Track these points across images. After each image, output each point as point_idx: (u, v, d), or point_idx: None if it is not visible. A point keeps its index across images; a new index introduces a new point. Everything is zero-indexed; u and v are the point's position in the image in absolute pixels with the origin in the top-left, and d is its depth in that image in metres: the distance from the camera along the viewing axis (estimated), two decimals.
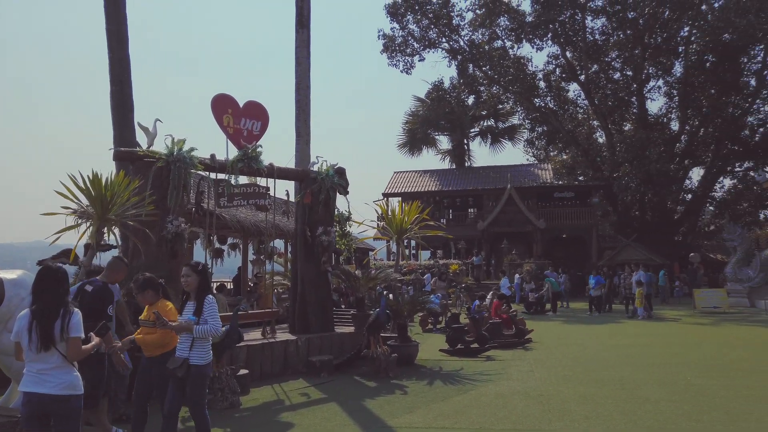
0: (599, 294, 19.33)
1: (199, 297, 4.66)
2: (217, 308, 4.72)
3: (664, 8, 28.28)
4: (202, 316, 4.57)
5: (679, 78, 31.44)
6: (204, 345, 4.62)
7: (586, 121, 37.54)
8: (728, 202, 34.00)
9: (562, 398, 6.93)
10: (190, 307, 4.70)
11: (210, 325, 4.54)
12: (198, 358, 4.57)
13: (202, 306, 4.61)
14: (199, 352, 4.58)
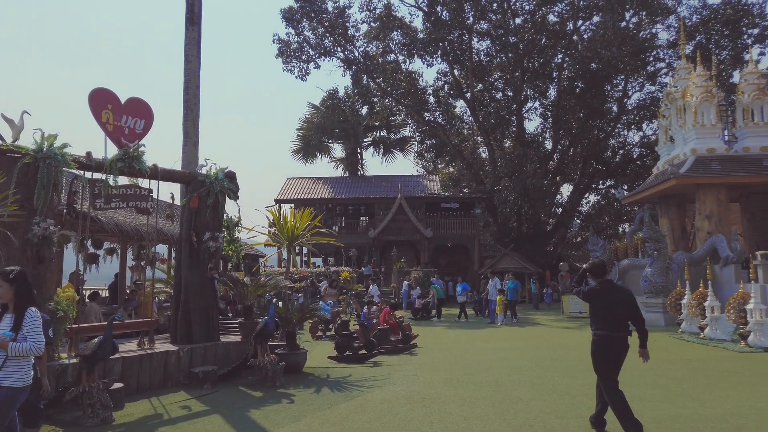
0: (464, 300, 20.36)
1: (18, 309, 4.10)
2: (41, 323, 4.14)
3: (541, 36, 30.67)
4: (21, 332, 4.01)
5: (552, 101, 34.20)
6: (22, 365, 4.07)
7: (471, 136, 39.63)
8: (592, 216, 37.53)
9: (443, 401, 7.24)
10: (7, 321, 4.10)
11: (30, 343, 3.99)
12: (12, 379, 4.01)
13: (21, 320, 4.05)
14: (14, 372, 4.02)
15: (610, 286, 5.70)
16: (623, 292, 5.70)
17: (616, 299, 5.58)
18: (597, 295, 5.67)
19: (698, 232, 19.05)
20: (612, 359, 5.54)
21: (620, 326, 5.57)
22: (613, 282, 5.85)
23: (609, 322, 5.58)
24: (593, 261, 5.99)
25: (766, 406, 6.72)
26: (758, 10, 28.80)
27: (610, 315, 5.58)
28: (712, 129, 19.27)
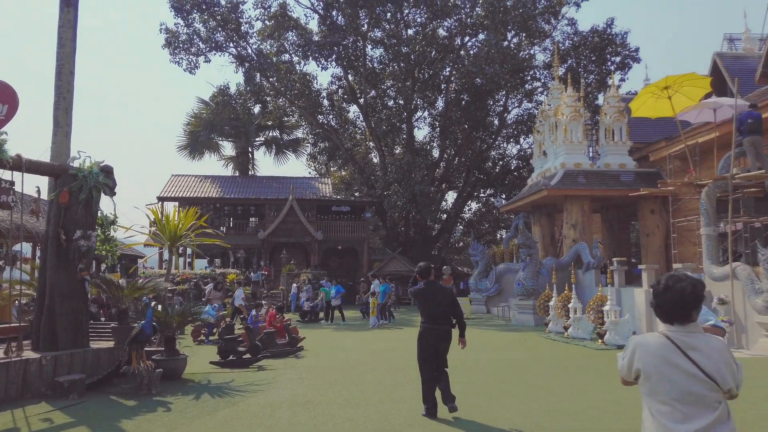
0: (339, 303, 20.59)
1: None
2: None
3: (432, 48, 31.91)
4: None
5: (440, 111, 35.70)
6: None
7: (364, 141, 40.23)
8: (474, 222, 39.64)
9: (328, 403, 7.33)
10: None
11: None
12: None
13: None
14: None
15: (433, 286, 6.71)
16: (445, 291, 6.81)
17: (439, 297, 6.64)
18: (423, 294, 6.69)
19: (565, 239, 20.81)
20: (431, 348, 6.63)
21: (442, 320, 6.63)
22: (436, 282, 6.85)
23: (432, 316, 6.63)
24: (421, 265, 6.97)
25: (620, 398, 7.51)
26: (620, 40, 32.14)
27: (433, 310, 6.61)
28: (579, 146, 21.16)
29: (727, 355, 2.55)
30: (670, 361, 2.54)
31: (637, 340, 2.70)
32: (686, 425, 2.46)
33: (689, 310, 2.59)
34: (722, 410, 2.50)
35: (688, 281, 2.62)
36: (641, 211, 20.39)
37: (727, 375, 2.50)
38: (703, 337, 2.60)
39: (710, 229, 14.30)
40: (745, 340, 12.32)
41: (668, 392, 2.53)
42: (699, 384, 2.49)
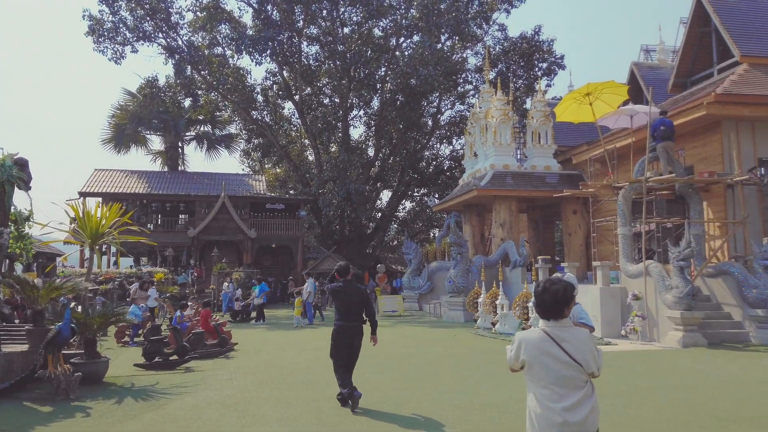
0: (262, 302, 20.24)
1: None
2: None
3: (367, 48, 32.05)
4: None
5: (376, 111, 35.92)
6: None
7: (299, 138, 39.89)
8: (408, 221, 40.19)
9: (258, 403, 7.28)
10: None
11: None
12: None
13: None
14: None
15: (349, 285, 7.08)
16: (359, 290, 7.16)
17: (354, 296, 7.01)
18: (339, 292, 7.02)
19: (494, 238, 21.52)
20: (346, 343, 7.00)
21: (355, 317, 7.01)
22: (352, 282, 7.19)
23: (346, 313, 7.00)
24: (340, 264, 7.41)
25: None
26: (547, 47, 33.52)
27: (347, 308, 6.99)
28: (507, 148, 21.93)
29: (591, 344, 3.12)
30: (547, 351, 3.05)
31: (522, 336, 3.19)
32: (561, 403, 3.00)
33: (562, 308, 3.10)
34: (588, 388, 3.07)
35: (561, 284, 3.14)
36: (564, 212, 21.38)
37: (590, 361, 3.05)
38: (573, 330, 3.16)
39: (626, 229, 15.21)
40: (656, 333, 13.21)
41: (547, 377, 3.04)
42: (570, 369, 3.02)
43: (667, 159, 14.71)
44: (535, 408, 3.08)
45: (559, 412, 2.98)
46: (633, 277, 14.25)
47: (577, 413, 3.00)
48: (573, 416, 2.99)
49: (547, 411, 3.01)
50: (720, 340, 12.47)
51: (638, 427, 6.02)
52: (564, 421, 2.98)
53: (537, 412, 3.06)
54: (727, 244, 14.65)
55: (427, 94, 32.59)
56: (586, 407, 3.02)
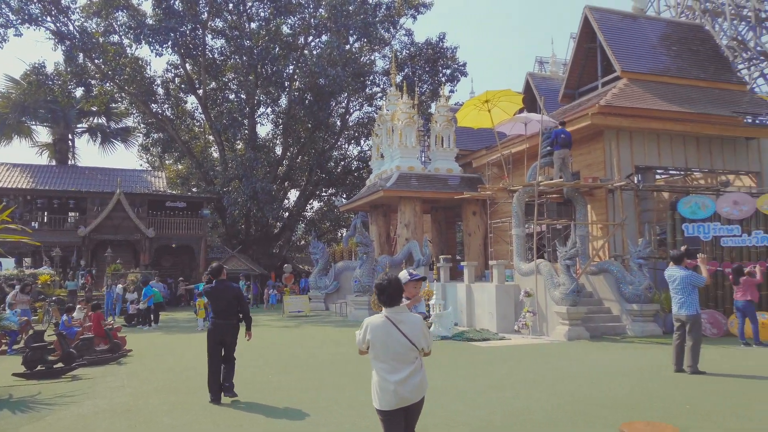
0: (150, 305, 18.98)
1: None
2: None
3: (275, 45, 31.60)
4: None
5: (284, 109, 35.51)
6: None
7: (203, 134, 38.56)
8: (315, 221, 40.07)
9: (151, 410, 7.03)
10: None
11: None
12: None
13: None
14: None
15: (223, 285, 7.49)
16: (233, 289, 7.56)
17: (227, 295, 7.42)
18: (213, 292, 7.47)
19: (399, 238, 22.03)
20: (218, 339, 7.42)
21: (227, 315, 7.44)
22: (226, 281, 7.61)
23: (221, 312, 7.43)
24: (213, 265, 7.77)
25: (438, 386, 8.17)
26: (451, 54, 34.74)
27: (220, 307, 7.42)
28: (412, 150, 22.53)
29: (422, 326, 3.87)
30: (388, 332, 3.78)
31: (368, 321, 3.91)
32: (396, 375, 3.76)
33: (399, 298, 3.88)
34: (418, 363, 3.85)
35: (395, 279, 3.94)
36: (465, 213, 22.31)
37: (421, 339, 3.82)
38: (408, 314, 3.92)
39: (520, 229, 16.16)
40: (546, 328, 14.15)
41: (386, 354, 3.78)
42: (404, 347, 3.77)
43: (561, 165, 15.81)
44: (376, 379, 3.83)
45: (395, 382, 3.73)
46: (525, 275, 15.16)
47: (409, 382, 3.77)
48: (405, 385, 3.75)
49: (384, 381, 3.77)
50: (601, 333, 13.60)
51: (526, 416, 6.47)
52: (397, 390, 3.73)
53: (377, 382, 3.82)
54: (608, 244, 15.99)
55: (336, 94, 32.67)
56: (416, 378, 3.81)
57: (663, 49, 19.42)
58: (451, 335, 13.82)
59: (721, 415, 6.33)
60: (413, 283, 4.93)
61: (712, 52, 20.08)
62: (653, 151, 16.81)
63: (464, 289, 16.53)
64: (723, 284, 13.59)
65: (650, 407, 6.71)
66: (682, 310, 8.82)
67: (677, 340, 8.94)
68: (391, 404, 3.76)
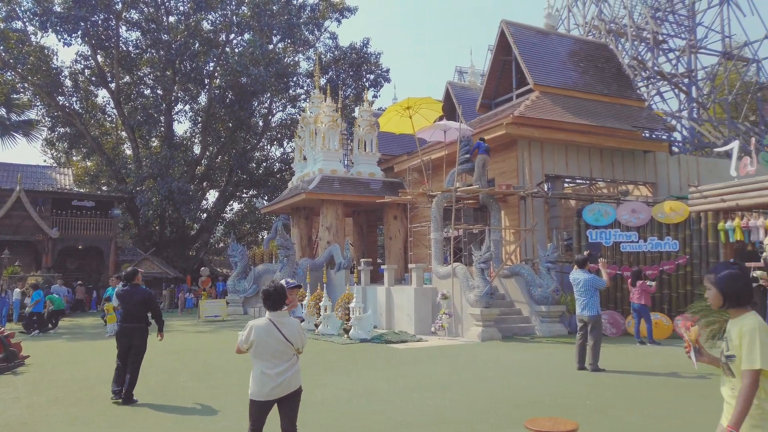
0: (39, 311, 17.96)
1: None
2: None
3: (195, 40, 30.62)
4: None
5: (203, 107, 34.44)
6: None
7: (115, 130, 36.66)
8: (235, 223, 39.09)
9: (49, 423, 6.63)
10: None
11: None
12: None
13: None
14: None
15: (133, 288, 7.70)
16: (143, 292, 7.77)
17: (137, 298, 7.63)
18: (124, 295, 7.70)
19: (320, 241, 21.97)
20: (126, 342, 7.63)
21: (136, 319, 7.65)
22: (138, 285, 7.79)
23: (130, 315, 7.65)
24: (127, 270, 7.99)
25: (356, 388, 8.31)
26: (374, 60, 35.09)
27: (129, 310, 7.64)
28: (335, 153, 22.56)
29: (299, 328, 4.50)
30: (270, 333, 4.36)
31: (252, 323, 4.43)
32: (274, 370, 4.34)
33: (282, 302, 4.50)
34: (294, 359, 4.47)
35: (279, 286, 4.50)
36: (386, 217, 22.61)
37: (298, 340, 4.44)
38: (288, 318, 4.55)
39: (438, 234, 16.61)
40: (461, 329, 14.61)
41: (267, 352, 4.35)
42: (283, 345, 4.37)
43: (480, 171, 16.41)
44: (256, 374, 4.39)
45: (272, 375, 4.33)
46: (443, 278, 15.60)
47: (284, 376, 4.37)
48: (281, 378, 4.35)
49: (264, 375, 4.35)
50: (512, 333, 14.23)
51: (440, 416, 6.68)
52: (275, 382, 4.33)
53: (257, 376, 4.38)
54: (520, 248, 16.77)
55: (259, 94, 32.10)
56: (291, 372, 4.41)
57: (571, 65, 20.64)
58: (370, 338, 13.96)
59: (617, 410, 6.83)
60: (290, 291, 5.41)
61: (615, 70, 21.57)
62: (562, 160, 17.82)
63: (384, 292, 16.75)
64: (622, 287, 14.62)
65: (554, 404, 7.13)
66: (584, 311, 9.42)
67: (580, 340, 9.53)
68: (264, 395, 4.35)
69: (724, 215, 13.48)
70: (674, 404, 7.06)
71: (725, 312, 8.82)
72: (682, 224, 14.44)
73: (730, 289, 2.95)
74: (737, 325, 2.93)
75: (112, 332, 16.34)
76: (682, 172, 19.56)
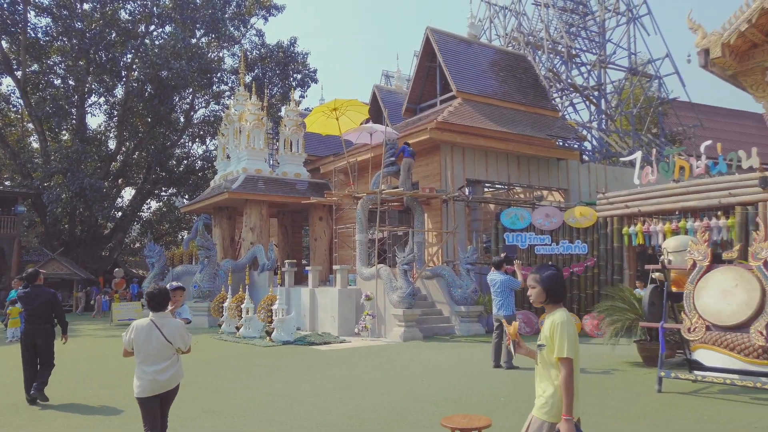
0: None
1: None
2: None
3: (112, 30, 29.15)
4: None
5: (120, 100, 32.80)
6: None
7: (20, 121, 34.19)
8: (153, 222, 37.50)
9: None
10: None
11: None
12: None
13: None
14: None
15: (36, 290, 7.69)
16: (47, 294, 7.75)
17: (41, 299, 7.61)
18: (27, 297, 7.66)
19: (244, 241, 21.57)
20: (30, 342, 7.62)
21: (39, 320, 7.63)
22: (40, 286, 7.78)
23: (33, 317, 7.62)
24: (29, 271, 7.90)
25: (277, 391, 8.26)
26: (302, 59, 34.82)
27: (32, 312, 7.62)
28: (260, 152, 22.23)
29: (181, 329, 4.78)
30: (150, 333, 4.65)
31: (135, 323, 4.74)
32: (154, 367, 4.63)
33: (165, 304, 4.79)
34: (174, 358, 4.76)
35: (163, 289, 4.82)
36: (312, 218, 22.55)
37: (179, 340, 4.73)
38: (169, 319, 4.83)
39: (363, 235, 16.78)
40: (384, 330, 14.84)
41: (148, 351, 4.63)
42: (163, 345, 4.66)
43: (405, 175, 16.74)
44: (138, 372, 4.66)
45: (151, 373, 4.61)
46: (367, 279, 15.79)
47: (164, 374, 4.66)
48: (161, 375, 4.64)
49: (144, 373, 4.63)
50: (433, 333, 14.63)
51: (361, 416, 6.80)
52: (154, 379, 4.61)
53: (139, 375, 4.65)
54: (441, 250, 17.26)
55: (180, 89, 31.00)
56: (171, 370, 4.71)
57: (492, 74, 21.48)
58: (293, 340, 13.90)
59: (528, 405, 7.22)
60: (173, 292, 5.75)
61: (532, 81, 22.66)
62: (482, 166, 18.52)
63: (308, 293, 16.71)
64: None
65: (470, 401, 7.45)
66: (500, 311, 9.87)
67: (496, 339, 9.98)
68: (147, 392, 4.61)
69: (627, 220, 14.54)
70: (581, 399, 7.55)
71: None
72: (590, 228, 15.42)
73: (551, 287, 3.29)
74: (550, 318, 3.29)
75: (12, 337, 15.31)
76: (592, 179, 20.86)
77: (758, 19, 10.65)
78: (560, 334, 3.18)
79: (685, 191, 13.04)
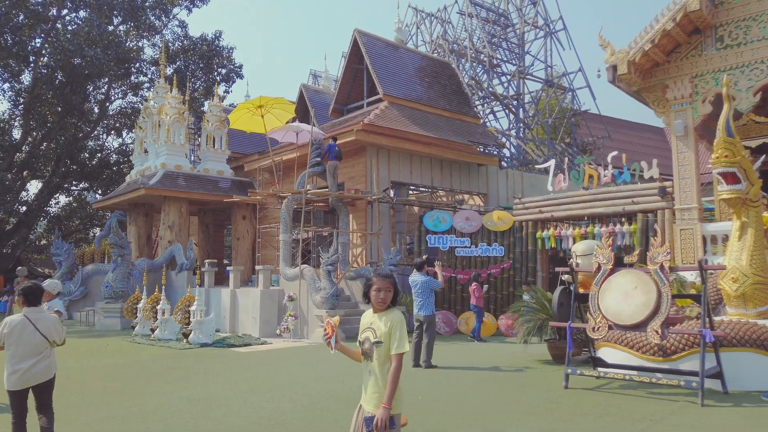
0: None
1: None
2: None
3: (19, 12, 27.17)
4: None
5: (27, 87, 30.58)
6: None
7: None
8: (62, 218, 35.23)
9: None
10: None
11: None
12: None
13: None
14: None
15: None
16: None
17: None
18: None
19: (161, 240, 20.75)
20: None
21: None
22: None
23: None
24: None
25: (193, 395, 8.02)
26: (227, 54, 33.83)
27: None
28: (181, 148, 21.46)
29: (56, 324, 5.00)
30: (25, 329, 4.82)
31: (8, 319, 4.89)
32: (25, 363, 4.80)
33: (39, 300, 5.02)
34: (47, 352, 4.95)
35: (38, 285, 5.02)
36: (234, 216, 22.04)
37: (54, 334, 4.96)
38: (44, 314, 5.04)
39: (287, 235, 16.62)
40: (306, 331, 14.78)
41: (22, 347, 4.80)
42: (38, 339, 4.86)
43: (332, 175, 16.72)
44: (8, 366, 4.79)
45: (23, 366, 4.78)
46: (290, 280, 15.64)
47: (36, 367, 4.83)
48: (33, 369, 4.81)
49: (14, 367, 4.78)
50: (356, 334, 14.64)
51: (278, 417, 6.75)
52: (25, 372, 4.78)
53: (8, 368, 4.78)
54: (366, 251, 17.40)
55: (94, 77, 29.27)
56: (43, 363, 4.90)
57: (418, 80, 21.90)
58: (211, 342, 13.55)
59: (444, 403, 7.46)
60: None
61: (456, 88, 23.31)
62: (407, 168, 18.85)
63: (229, 294, 16.34)
64: (455, 288, 15.85)
65: None
66: (421, 311, 10.11)
67: (416, 339, 10.20)
68: (17, 385, 4.78)
69: (541, 225, 15.29)
70: (495, 396, 7.89)
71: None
72: (507, 232, 16.08)
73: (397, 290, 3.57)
74: (385, 317, 3.52)
75: None
76: (509, 184, 21.74)
77: (660, 39, 11.52)
78: (400, 332, 3.42)
79: (593, 198, 13.91)
